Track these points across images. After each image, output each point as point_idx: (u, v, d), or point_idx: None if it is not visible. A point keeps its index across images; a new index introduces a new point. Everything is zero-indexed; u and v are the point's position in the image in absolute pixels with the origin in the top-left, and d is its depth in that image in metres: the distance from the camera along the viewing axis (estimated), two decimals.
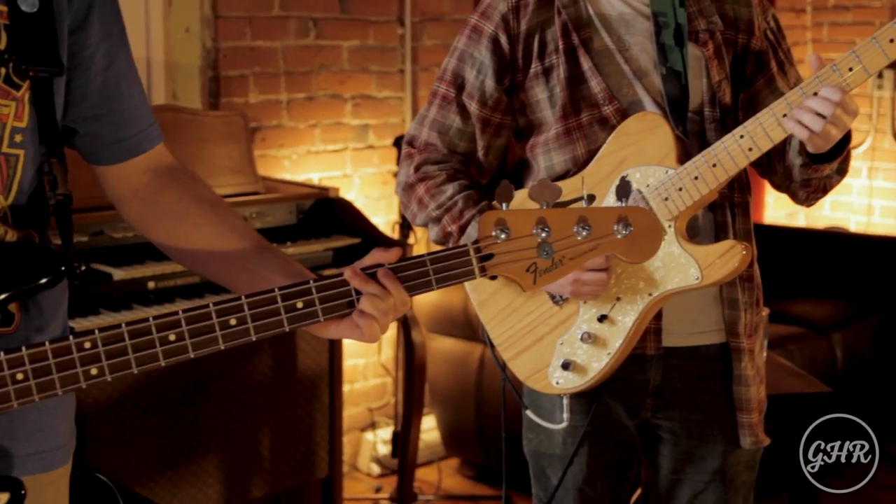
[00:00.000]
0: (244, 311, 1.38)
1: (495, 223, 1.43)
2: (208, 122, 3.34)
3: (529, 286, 1.44)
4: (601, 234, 1.43)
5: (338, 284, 1.41)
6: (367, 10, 4.10)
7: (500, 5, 2.08)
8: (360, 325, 1.41)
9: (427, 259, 1.43)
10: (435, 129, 2.13)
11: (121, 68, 1.50)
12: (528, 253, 1.43)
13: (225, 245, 1.51)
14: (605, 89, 2.02)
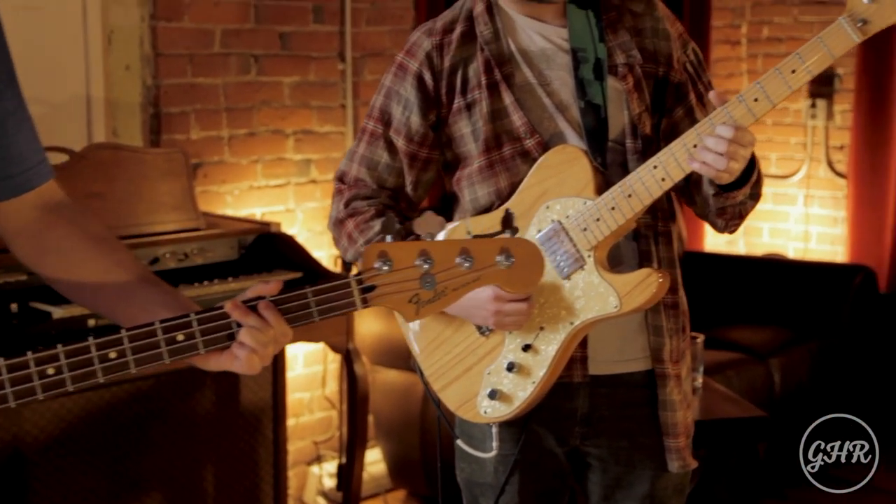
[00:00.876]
0: (124, 344, 1.40)
1: (378, 255, 1.45)
2: (149, 160, 3.36)
3: (412, 317, 1.46)
4: (483, 265, 1.45)
5: (218, 317, 1.43)
6: (308, 46, 4.14)
7: (425, 43, 2.13)
8: (239, 357, 1.43)
9: (309, 291, 1.44)
10: (364, 165, 2.18)
11: (7, 106, 1.51)
12: (410, 284, 1.45)
13: (111, 279, 1.53)
14: (527, 123, 2.08)
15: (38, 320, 2.88)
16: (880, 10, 1.84)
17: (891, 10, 1.84)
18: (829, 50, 1.87)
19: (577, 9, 2.11)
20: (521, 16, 2.12)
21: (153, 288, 1.53)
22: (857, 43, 1.86)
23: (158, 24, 3.72)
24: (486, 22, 2.11)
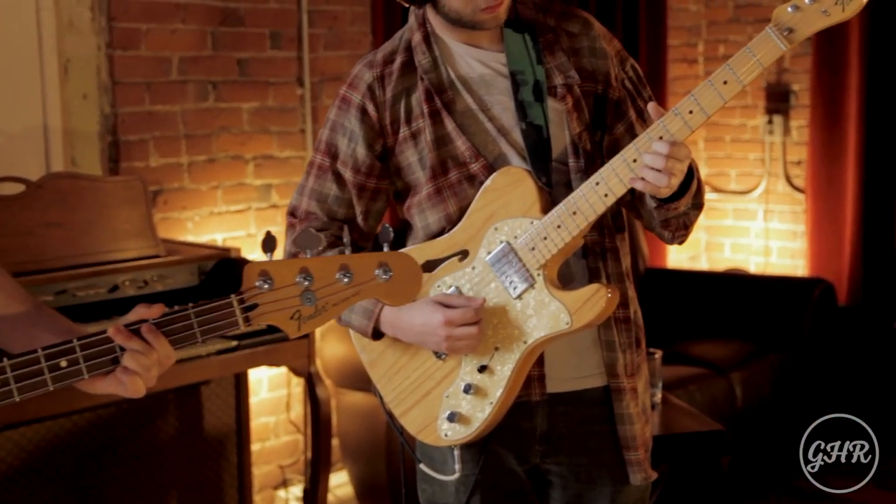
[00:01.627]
0: (6, 373, 1.41)
1: (259, 274, 1.48)
2: (107, 188, 3.37)
3: (294, 332, 1.50)
4: (363, 279, 1.49)
5: (102, 342, 1.45)
6: (266, 72, 4.16)
7: (366, 75, 2.16)
8: (123, 381, 1.45)
9: (191, 312, 1.48)
10: (314, 198, 2.20)
11: None
12: (291, 301, 1.48)
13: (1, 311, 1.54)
14: (471, 148, 2.11)
15: None
16: (804, 19, 1.89)
17: (814, 18, 1.89)
18: (758, 59, 1.91)
19: (513, 33, 2.14)
20: (458, 43, 2.15)
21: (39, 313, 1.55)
22: (784, 51, 1.91)
23: (115, 52, 3.73)
24: (425, 51, 2.14)
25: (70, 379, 1.44)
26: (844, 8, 1.88)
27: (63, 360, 1.43)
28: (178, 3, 3.88)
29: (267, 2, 4.14)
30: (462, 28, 2.11)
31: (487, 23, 2.09)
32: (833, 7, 1.88)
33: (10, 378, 1.41)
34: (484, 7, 2.05)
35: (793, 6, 1.89)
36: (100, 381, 1.46)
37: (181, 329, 1.47)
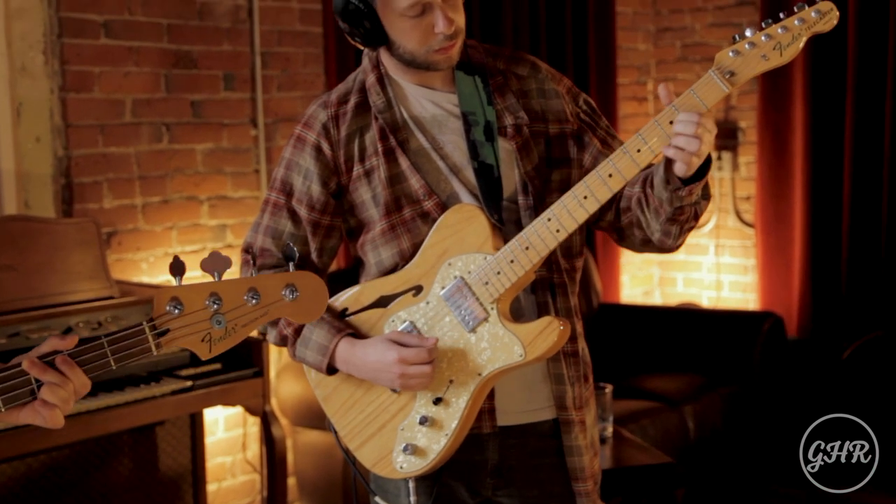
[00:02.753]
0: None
1: (169, 299, 1.52)
2: (60, 230, 3.37)
3: (206, 355, 1.54)
4: (270, 300, 1.53)
5: (17, 374, 1.48)
6: (220, 113, 4.20)
7: (321, 115, 2.21)
8: (41, 412, 1.48)
9: (104, 341, 1.50)
10: (269, 235, 2.24)
11: None
12: (202, 325, 1.52)
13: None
14: (424, 185, 2.15)
15: None
16: (745, 63, 1.97)
17: (754, 63, 1.96)
18: (702, 100, 1.97)
19: (464, 75, 2.20)
20: (411, 84, 2.20)
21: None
22: (727, 93, 1.97)
23: (68, 95, 3.75)
24: (379, 92, 2.19)
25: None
26: (782, 53, 1.96)
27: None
28: (130, 47, 3.91)
29: (220, 44, 4.18)
30: (415, 69, 2.16)
31: (440, 63, 2.14)
32: (771, 52, 1.95)
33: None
34: (437, 49, 2.11)
35: (734, 51, 1.96)
36: (15, 412, 1.49)
37: (95, 358, 1.50)
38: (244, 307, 1.52)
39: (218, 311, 1.52)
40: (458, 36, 2.12)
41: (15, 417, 1.49)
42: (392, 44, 2.14)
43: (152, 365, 3.28)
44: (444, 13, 2.07)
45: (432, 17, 2.08)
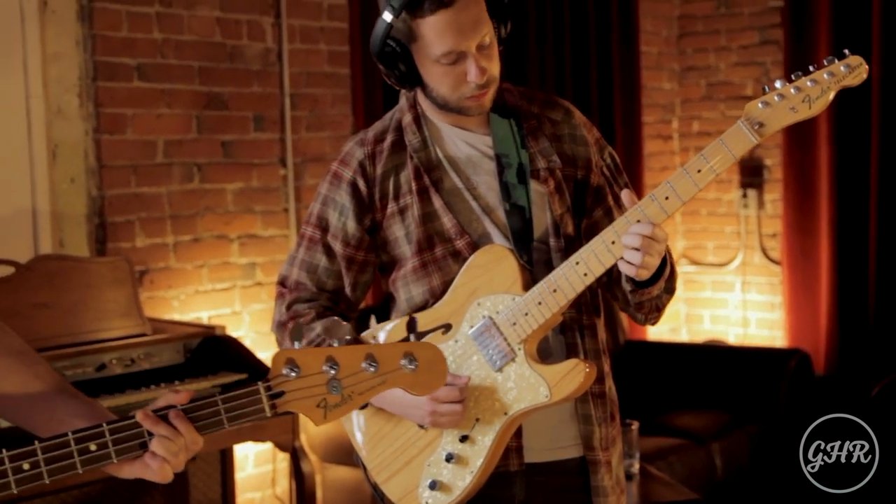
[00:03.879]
0: (37, 455, 1.44)
1: (285, 362, 1.49)
2: (94, 269, 3.43)
3: (320, 421, 1.51)
4: (388, 369, 1.51)
5: (130, 427, 1.48)
6: (250, 153, 4.27)
7: (358, 152, 2.25)
8: (151, 466, 1.48)
9: (219, 399, 1.50)
10: (304, 269, 2.28)
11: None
12: (317, 389, 1.50)
13: (30, 391, 1.58)
14: (456, 225, 2.19)
15: None
16: (774, 115, 1.99)
17: (783, 115, 1.99)
18: (730, 150, 2.01)
19: (499, 118, 2.24)
20: (446, 125, 2.25)
21: (72, 400, 1.58)
22: (755, 143, 2.00)
23: (102, 137, 3.83)
24: (415, 131, 2.24)
25: (99, 462, 1.46)
26: (811, 106, 1.98)
27: (92, 444, 1.45)
28: (163, 89, 3.99)
29: (250, 86, 4.26)
30: (452, 112, 2.21)
31: (471, 110, 2.18)
32: (800, 105, 1.98)
33: (41, 460, 1.43)
34: (469, 96, 2.15)
35: (763, 102, 1.99)
36: (128, 465, 1.49)
37: (208, 415, 1.49)
38: (361, 374, 1.50)
39: (335, 377, 1.49)
40: (490, 85, 2.15)
41: (125, 470, 1.49)
42: (426, 87, 2.18)
43: None
44: (477, 63, 2.11)
45: (465, 66, 2.11)
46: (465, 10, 2.08)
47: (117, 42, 3.84)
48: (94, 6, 3.77)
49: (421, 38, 2.11)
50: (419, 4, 2.07)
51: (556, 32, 5.14)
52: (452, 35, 2.08)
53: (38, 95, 3.71)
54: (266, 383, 1.50)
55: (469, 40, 2.09)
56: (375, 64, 2.22)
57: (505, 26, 2.19)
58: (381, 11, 2.12)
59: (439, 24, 2.07)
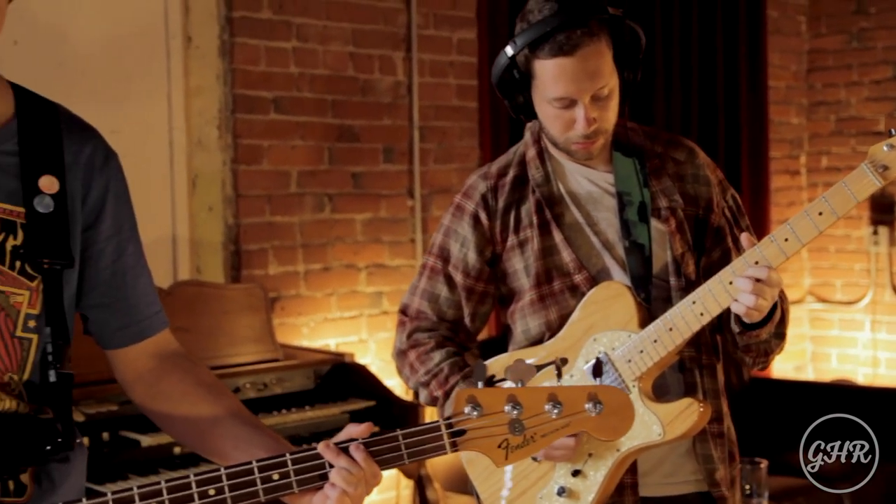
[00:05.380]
0: (222, 481, 1.48)
1: (467, 400, 1.49)
2: (230, 295, 3.55)
3: (501, 462, 1.49)
4: (572, 411, 1.48)
5: (312, 458, 1.50)
6: (379, 185, 4.36)
7: (480, 186, 2.29)
8: (330, 497, 1.49)
9: (399, 434, 1.50)
10: (425, 299, 2.32)
11: (129, 261, 1.66)
12: (499, 430, 1.48)
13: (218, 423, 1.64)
14: (576, 260, 2.21)
15: (128, 448, 3.03)
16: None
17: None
18: (853, 193, 1.97)
19: (622, 156, 2.26)
20: (569, 162, 2.27)
21: (254, 430, 1.63)
22: (879, 187, 1.96)
23: (239, 167, 3.96)
24: (538, 166, 2.27)
25: (280, 492, 1.49)
26: None
27: (275, 473, 1.49)
28: (297, 122, 4.11)
29: (381, 119, 4.35)
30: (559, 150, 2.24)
31: (577, 154, 2.21)
32: None
33: (226, 486, 1.48)
34: (575, 142, 2.17)
35: (888, 145, 1.95)
36: (308, 495, 1.51)
37: (389, 450, 1.50)
38: (544, 416, 1.48)
39: (517, 418, 1.48)
40: (597, 136, 2.16)
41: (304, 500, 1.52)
42: (539, 121, 2.22)
43: (314, 426, 3.40)
44: (587, 113, 2.12)
45: (575, 112, 2.13)
46: (584, 61, 2.09)
47: (255, 76, 3.98)
48: (234, 41, 3.91)
49: (537, 78, 2.14)
50: (539, 46, 2.10)
51: (684, 66, 5.13)
52: (566, 83, 2.10)
53: (180, 127, 3.86)
54: (447, 420, 1.51)
55: (583, 91, 2.10)
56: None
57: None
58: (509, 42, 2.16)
59: (556, 69, 2.10)
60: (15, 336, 1.53)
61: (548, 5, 2.11)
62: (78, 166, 1.60)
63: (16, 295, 1.53)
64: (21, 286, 1.53)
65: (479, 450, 1.50)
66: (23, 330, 1.54)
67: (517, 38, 2.13)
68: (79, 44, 3.65)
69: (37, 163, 1.56)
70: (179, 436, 1.71)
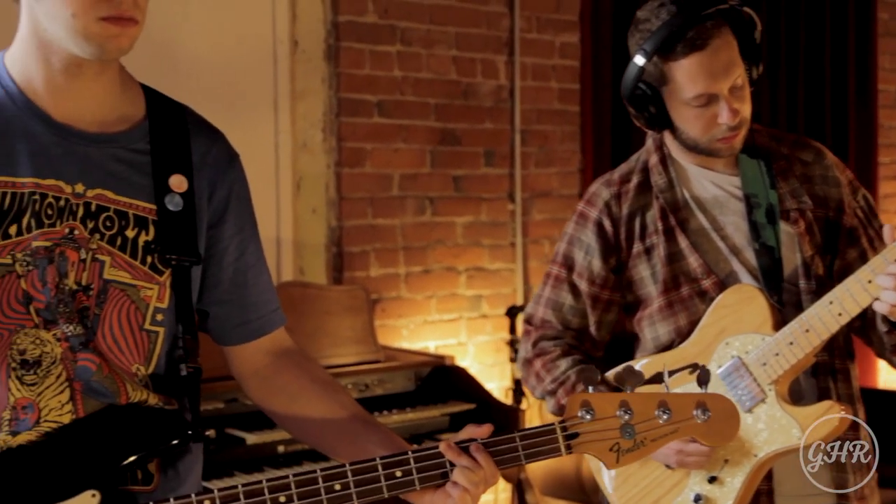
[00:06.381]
0: (348, 477, 1.52)
1: (581, 404, 1.55)
2: (333, 296, 3.59)
3: (612, 465, 1.55)
4: (681, 418, 1.54)
5: (433, 456, 1.54)
6: (480, 188, 4.37)
7: (604, 193, 2.29)
8: (452, 495, 1.53)
9: (517, 436, 1.55)
10: (550, 307, 2.33)
11: (250, 259, 1.71)
12: (611, 433, 1.55)
13: (334, 419, 1.67)
14: (703, 264, 2.20)
15: (233, 445, 3.08)
16: None
17: None
18: None
19: (748, 158, 2.24)
20: (693, 166, 2.26)
21: (371, 428, 1.67)
22: None
23: (343, 170, 4.00)
24: (661, 172, 2.26)
25: (403, 488, 1.54)
26: None
27: (398, 470, 1.53)
28: (401, 125, 4.14)
29: (483, 122, 4.37)
30: (699, 153, 2.22)
31: (722, 151, 2.18)
32: None
33: (351, 482, 1.52)
34: (720, 138, 2.15)
35: None
36: (429, 493, 1.56)
37: (506, 451, 1.55)
38: (654, 421, 1.54)
39: (628, 422, 1.54)
40: (741, 127, 2.15)
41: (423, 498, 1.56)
42: (676, 129, 2.20)
43: (414, 427, 3.42)
44: (730, 104, 2.11)
45: (717, 108, 2.12)
46: (717, 53, 2.09)
47: (360, 80, 4.02)
48: (340, 45, 3.96)
49: (672, 81, 2.13)
50: (671, 48, 2.09)
51: (790, 70, 5.05)
52: (704, 78, 2.09)
53: (286, 131, 3.92)
54: (562, 423, 1.55)
55: (721, 83, 2.10)
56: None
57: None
58: (633, 55, 2.15)
59: (692, 67, 2.09)
60: (143, 329, 1.58)
61: (664, 8, 2.10)
62: (205, 166, 1.65)
63: (146, 289, 1.58)
64: (151, 280, 1.58)
65: (592, 452, 1.56)
66: (151, 323, 1.58)
67: (644, 46, 2.11)
68: (189, 49, 3.73)
69: (167, 162, 1.61)
70: (294, 430, 1.74)
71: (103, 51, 1.51)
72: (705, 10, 2.08)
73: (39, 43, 1.53)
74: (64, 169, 1.54)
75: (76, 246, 1.54)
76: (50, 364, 1.52)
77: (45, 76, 1.55)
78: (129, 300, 1.57)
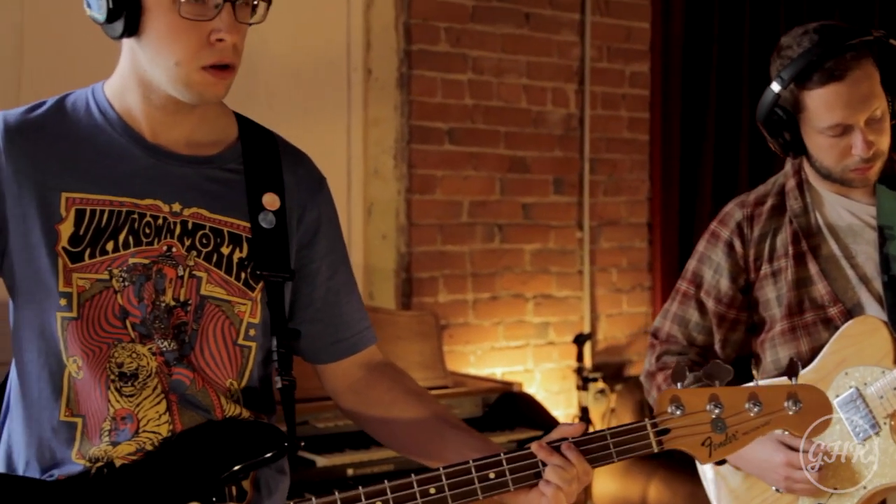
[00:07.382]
0: (442, 480, 1.54)
1: (670, 400, 1.56)
2: (402, 321, 3.62)
3: (705, 459, 1.55)
4: (772, 409, 1.55)
5: (526, 457, 1.56)
6: (548, 216, 4.39)
7: (737, 213, 2.29)
8: (545, 493, 1.55)
9: (608, 433, 1.56)
10: (676, 323, 2.34)
11: (341, 279, 1.74)
12: (702, 428, 1.56)
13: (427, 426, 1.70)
14: (831, 292, 2.18)
15: (304, 467, 3.12)
16: None
17: None
18: None
19: (886, 189, 2.21)
20: (829, 192, 2.24)
21: (463, 433, 1.70)
22: None
23: (413, 196, 4.05)
24: (797, 197, 2.25)
25: (497, 490, 1.56)
26: None
27: (491, 472, 1.55)
28: (471, 152, 4.18)
29: (552, 150, 4.39)
30: (832, 182, 2.21)
31: (854, 182, 2.17)
32: None
33: (446, 485, 1.55)
34: (853, 168, 2.14)
35: None
36: (523, 494, 1.57)
37: (598, 449, 1.56)
38: (745, 414, 1.55)
39: (719, 417, 1.55)
40: (876, 159, 2.13)
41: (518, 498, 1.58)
42: (810, 156, 2.19)
43: None
44: (864, 136, 2.09)
45: (852, 138, 2.10)
46: (856, 85, 2.07)
47: (432, 107, 4.07)
48: (412, 74, 4.01)
49: (807, 110, 2.12)
50: (808, 77, 2.08)
51: None
52: (841, 108, 2.08)
53: (358, 156, 3.98)
54: (652, 420, 1.57)
55: (858, 114, 2.08)
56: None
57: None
58: (772, 80, 2.14)
59: (828, 97, 2.08)
60: (237, 344, 1.62)
61: (807, 37, 2.10)
62: (296, 187, 1.69)
63: (240, 304, 1.62)
64: (245, 296, 1.62)
65: (684, 448, 1.56)
66: (244, 338, 1.62)
67: (782, 73, 2.11)
68: (265, 77, 3.80)
69: (260, 181, 1.65)
70: (390, 439, 1.77)
71: (202, 98, 1.57)
72: (848, 40, 2.07)
73: (139, 81, 1.59)
74: (161, 189, 1.60)
75: (174, 263, 1.59)
76: (146, 377, 1.57)
77: (144, 109, 1.61)
78: (224, 316, 1.61)
